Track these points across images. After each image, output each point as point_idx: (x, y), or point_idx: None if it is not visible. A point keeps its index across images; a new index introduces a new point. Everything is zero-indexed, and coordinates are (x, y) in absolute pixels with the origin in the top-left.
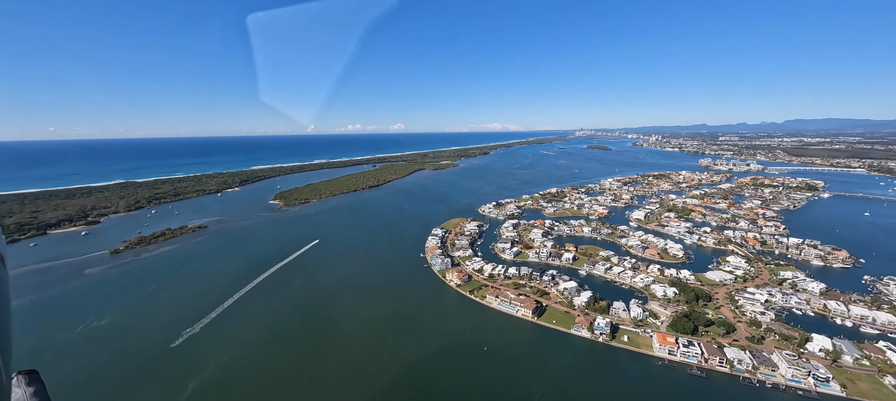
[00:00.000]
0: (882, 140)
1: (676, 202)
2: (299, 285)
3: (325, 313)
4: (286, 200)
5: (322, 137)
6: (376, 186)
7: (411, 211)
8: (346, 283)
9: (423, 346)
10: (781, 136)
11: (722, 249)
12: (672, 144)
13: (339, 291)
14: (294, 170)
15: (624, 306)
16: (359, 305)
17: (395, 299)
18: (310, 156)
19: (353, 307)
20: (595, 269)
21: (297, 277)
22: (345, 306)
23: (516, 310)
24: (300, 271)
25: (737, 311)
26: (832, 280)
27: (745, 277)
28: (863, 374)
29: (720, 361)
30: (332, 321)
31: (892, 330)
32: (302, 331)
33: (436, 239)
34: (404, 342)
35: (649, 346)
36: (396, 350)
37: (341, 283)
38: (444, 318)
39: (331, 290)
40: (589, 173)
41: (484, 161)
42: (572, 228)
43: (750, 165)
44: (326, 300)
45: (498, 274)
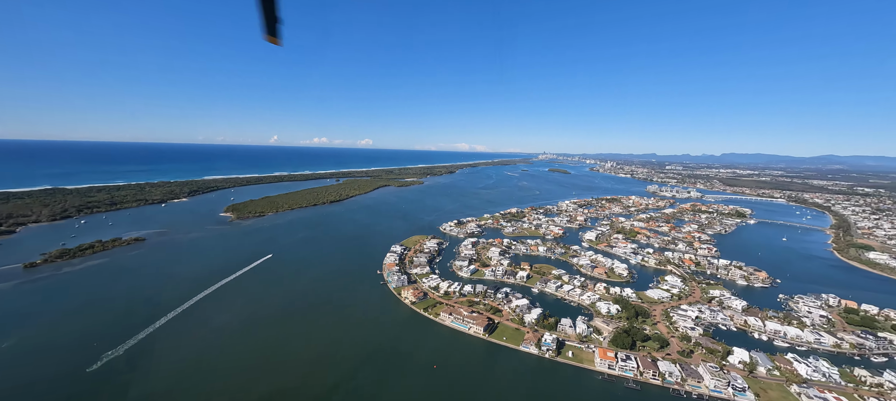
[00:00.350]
0: (800, 174)
1: (625, 225)
2: (244, 304)
3: (269, 333)
4: (239, 213)
5: (285, 148)
6: (338, 200)
7: (372, 227)
8: (296, 300)
9: (371, 365)
10: (718, 167)
11: (662, 269)
12: (625, 171)
13: (287, 310)
14: (252, 181)
15: (570, 323)
16: (307, 323)
17: (347, 317)
18: (270, 168)
19: (300, 326)
20: (547, 286)
21: (242, 296)
22: (291, 325)
23: (468, 327)
24: (247, 289)
25: (671, 327)
26: (753, 298)
27: (681, 295)
28: (773, 383)
29: (653, 374)
30: (275, 342)
31: (799, 343)
32: (239, 353)
33: (394, 256)
34: (351, 362)
35: (591, 361)
36: (342, 371)
37: (291, 301)
38: (395, 336)
39: (278, 308)
40: (548, 195)
41: (449, 179)
42: (529, 248)
43: (690, 192)
44: (272, 319)
45: (454, 292)
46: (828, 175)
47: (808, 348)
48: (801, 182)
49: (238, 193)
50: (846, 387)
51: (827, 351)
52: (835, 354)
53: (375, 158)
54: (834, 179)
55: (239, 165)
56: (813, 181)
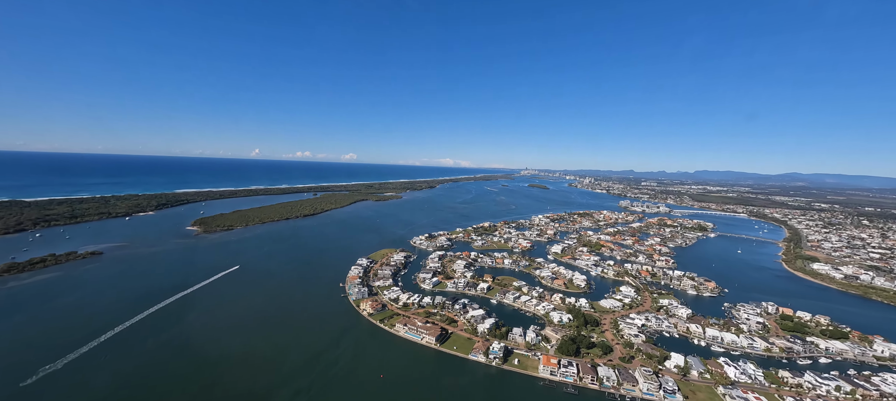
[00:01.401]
0: (765, 191)
1: (592, 238)
2: (195, 317)
3: (214, 345)
4: (206, 227)
5: (266, 162)
6: (312, 214)
7: (342, 241)
8: (249, 313)
9: (317, 374)
10: (691, 183)
11: (619, 280)
12: (602, 187)
13: (238, 322)
14: (225, 195)
15: (521, 332)
16: (256, 335)
17: (301, 329)
18: (247, 181)
19: (248, 337)
20: (505, 297)
21: (195, 310)
22: (240, 337)
23: (421, 338)
24: (203, 302)
25: (617, 334)
26: (701, 307)
27: (632, 304)
28: (703, 385)
29: (592, 379)
30: (219, 354)
31: (733, 348)
32: (180, 366)
33: (359, 269)
34: (297, 371)
35: (536, 368)
36: (284, 380)
37: (244, 313)
38: (347, 346)
39: (230, 321)
40: (524, 210)
41: (428, 194)
42: (495, 260)
43: (660, 207)
44: (221, 332)
45: (413, 303)
46: (790, 191)
47: (741, 352)
48: (764, 198)
49: (209, 206)
50: (769, 387)
51: (758, 355)
52: (765, 357)
53: (357, 173)
54: (795, 196)
55: (215, 179)
56: (775, 197)
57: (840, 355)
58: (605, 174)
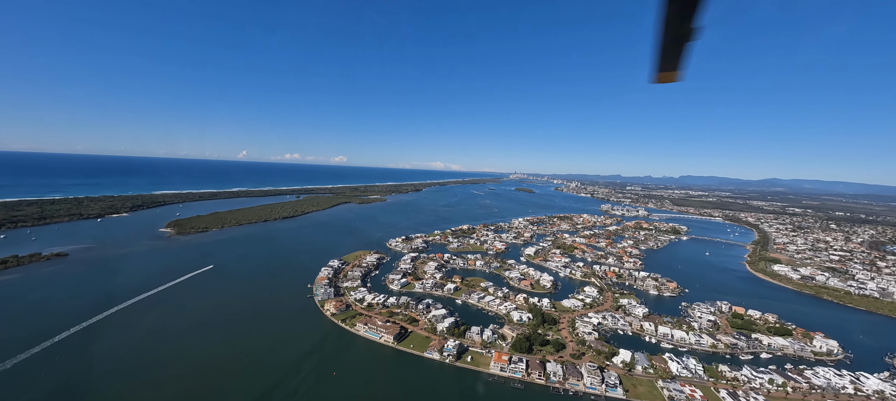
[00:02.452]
0: (744, 196)
1: (567, 240)
2: (156, 318)
3: (166, 345)
4: (180, 229)
5: (253, 164)
6: (291, 217)
7: (317, 243)
8: (211, 314)
9: (268, 371)
10: (674, 188)
11: (585, 281)
12: (587, 191)
13: (197, 323)
14: (205, 197)
15: (479, 331)
16: (213, 334)
17: (261, 328)
18: (231, 183)
19: (204, 336)
20: (471, 298)
21: (156, 311)
22: (195, 335)
23: (380, 336)
24: (165, 304)
25: (572, 332)
26: (661, 306)
27: (593, 304)
28: (645, 380)
29: (540, 374)
30: (168, 354)
31: (681, 344)
32: (131, 366)
33: (329, 270)
34: (248, 369)
35: (487, 364)
36: (233, 377)
37: (207, 314)
38: (304, 345)
39: (191, 322)
40: (506, 213)
41: (413, 197)
42: (467, 262)
43: (639, 211)
44: (178, 332)
45: (377, 303)
46: (768, 196)
47: (688, 348)
48: (742, 203)
49: (187, 208)
50: (707, 381)
51: (704, 351)
52: (711, 353)
53: (345, 176)
54: (772, 200)
55: (197, 181)
56: (753, 202)
57: (780, 350)
58: (592, 179)
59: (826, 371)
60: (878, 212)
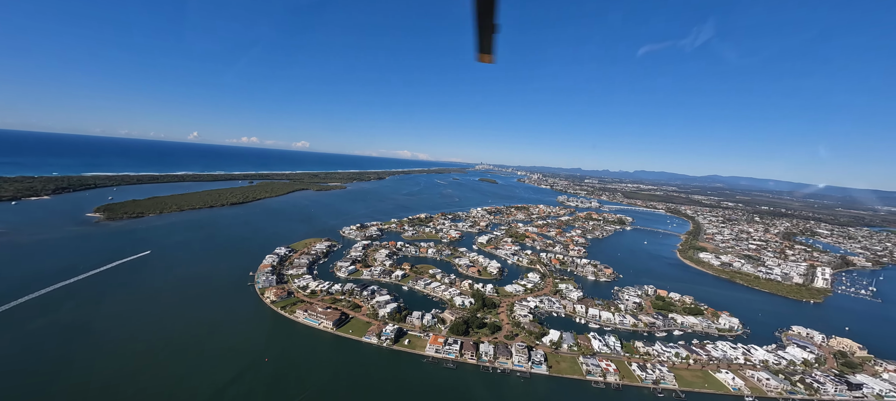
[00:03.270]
0: (686, 190)
1: (520, 230)
2: (75, 306)
3: (92, 337)
4: (112, 214)
5: (205, 146)
6: (242, 203)
7: (266, 230)
8: (140, 304)
9: (195, 365)
10: (628, 182)
11: (531, 268)
12: (547, 182)
13: (124, 314)
14: (145, 180)
15: (420, 315)
16: (141, 325)
17: (193, 319)
18: (177, 166)
19: (132, 329)
20: (417, 284)
21: (75, 299)
22: (120, 329)
23: (319, 323)
24: (87, 293)
25: (510, 315)
26: (597, 290)
27: (534, 288)
28: (569, 357)
29: (472, 355)
30: (93, 349)
31: (607, 324)
32: (45, 353)
33: (274, 258)
34: (175, 363)
35: (424, 347)
36: (163, 365)
37: (134, 304)
38: (237, 332)
39: (115, 312)
40: (467, 202)
41: (375, 185)
42: (419, 250)
43: (592, 202)
44: (102, 323)
45: (321, 290)
46: (708, 191)
47: (613, 327)
48: (685, 196)
49: (122, 192)
50: (623, 355)
51: (627, 329)
52: (632, 331)
53: (306, 162)
54: (711, 195)
55: (136, 163)
56: (694, 196)
57: (691, 328)
58: (554, 171)
59: (725, 345)
60: (796, 207)
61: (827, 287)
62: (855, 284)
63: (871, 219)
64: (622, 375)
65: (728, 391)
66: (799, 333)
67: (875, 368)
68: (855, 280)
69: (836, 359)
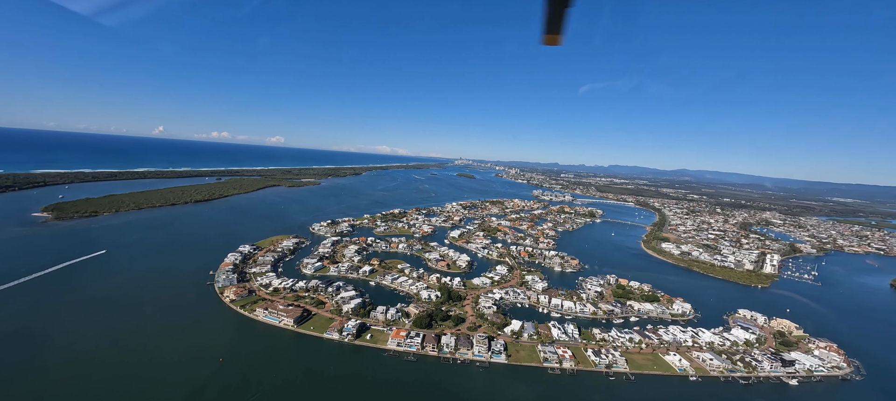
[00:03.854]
0: (656, 184)
1: (493, 223)
2: (7, 316)
3: (35, 344)
4: (61, 213)
5: (171, 142)
6: (206, 200)
7: (231, 228)
8: (88, 307)
9: (146, 368)
10: (602, 176)
11: (501, 261)
12: (524, 177)
13: (71, 317)
14: (101, 177)
15: (384, 310)
16: (88, 330)
17: (145, 321)
18: (139, 162)
19: (78, 334)
20: (385, 279)
21: (10, 306)
22: (66, 335)
23: (280, 321)
24: (28, 297)
25: (474, 307)
26: (563, 281)
27: (501, 281)
28: (529, 346)
29: (433, 347)
30: (32, 356)
31: (568, 313)
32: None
33: (237, 256)
34: (125, 366)
35: (386, 341)
36: (113, 366)
37: (82, 308)
38: (194, 334)
39: (60, 316)
40: (443, 197)
41: (350, 181)
42: (390, 245)
43: (565, 196)
44: (44, 328)
45: (284, 288)
46: (676, 184)
47: (573, 316)
48: (654, 190)
49: (75, 190)
50: (580, 342)
51: (587, 317)
52: (591, 318)
53: (279, 158)
54: (679, 188)
55: (94, 159)
56: (664, 189)
57: (647, 314)
58: (532, 166)
59: (675, 329)
60: (755, 199)
61: (774, 273)
62: (800, 270)
63: (821, 209)
64: (578, 361)
65: (675, 372)
66: (744, 316)
67: (809, 345)
68: (800, 266)
69: (776, 339)
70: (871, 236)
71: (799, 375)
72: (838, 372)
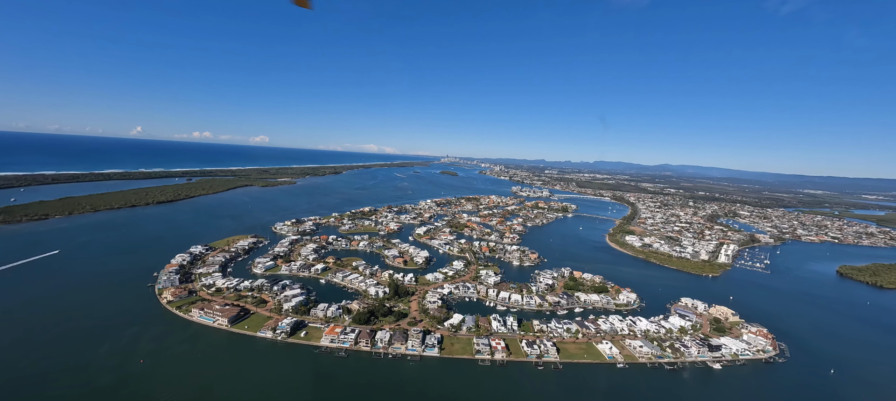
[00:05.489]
0: (637, 178)
1: (463, 220)
2: None
3: None
4: (8, 216)
5: (148, 142)
6: (170, 201)
7: (189, 229)
8: (8, 315)
9: (61, 368)
10: (587, 172)
11: (461, 256)
12: (508, 174)
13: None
14: (63, 180)
15: (325, 307)
16: (7, 334)
17: (75, 325)
18: (109, 164)
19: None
20: (336, 277)
21: None
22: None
23: (214, 320)
24: None
25: (420, 302)
26: (520, 275)
27: (455, 275)
28: (465, 338)
29: (367, 342)
30: None
31: (514, 306)
32: None
33: (186, 257)
34: (53, 359)
35: (320, 338)
36: (34, 367)
37: (4, 312)
38: (122, 336)
39: None
40: (421, 195)
41: (329, 180)
42: (351, 243)
43: (543, 192)
44: None
45: (227, 288)
46: (656, 180)
47: (519, 308)
48: (634, 185)
49: (30, 193)
50: (517, 334)
51: (532, 309)
52: (537, 310)
53: (261, 157)
54: (659, 183)
55: (59, 160)
56: (643, 184)
57: (592, 304)
58: (518, 163)
59: (615, 318)
60: (730, 192)
61: (728, 263)
62: (754, 259)
63: (790, 201)
64: (511, 352)
65: (604, 360)
66: (686, 304)
67: (741, 330)
68: (755, 255)
69: (711, 325)
70: (830, 226)
71: (724, 359)
72: (763, 355)
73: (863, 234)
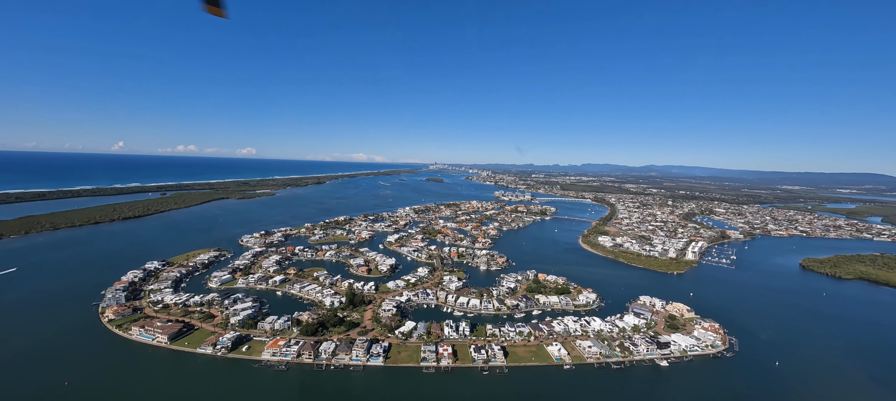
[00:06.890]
0: (622, 180)
1: (438, 226)
2: None
3: None
4: None
5: (129, 157)
6: (137, 217)
7: (149, 244)
8: None
9: None
10: (573, 175)
11: (428, 262)
12: (494, 179)
13: None
14: (27, 198)
15: (274, 319)
16: None
17: (9, 344)
18: (79, 180)
19: None
20: (293, 288)
21: None
22: None
23: (153, 338)
24: None
25: (376, 311)
26: (487, 279)
27: (418, 282)
28: (414, 346)
29: (309, 354)
30: None
31: (472, 311)
32: None
33: (138, 273)
34: None
35: (262, 351)
36: None
37: None
38: (53, 357)
39: None
40: (403, 202)
41: (309, 190)
42: (316, 254)
43: (525, 196)
44: None
45: (175, 304)
46: (641, 180)
47: (476, 313)
48: (618, 186)
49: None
50: (468, 339)
51: (490, 314)
52: (494, 314)
53: (244, 169)
54: (642, 183)
55: (27, 178)
56: (627, 185)
57: (551, 306)
58: (506, 168)
59: (569, 319)
60: (710, 190)
61: (694, 260)
62: (721, 255)
63: (767, 197)
64: (458, 358)
65: (552, 362)
66: (644, 302)
67: (694, 326)
68: (723, 251)
69: (667, 322)
70: (801, 220)
71: (672, 356)
72: (712, 350)
73: (831, 227)
